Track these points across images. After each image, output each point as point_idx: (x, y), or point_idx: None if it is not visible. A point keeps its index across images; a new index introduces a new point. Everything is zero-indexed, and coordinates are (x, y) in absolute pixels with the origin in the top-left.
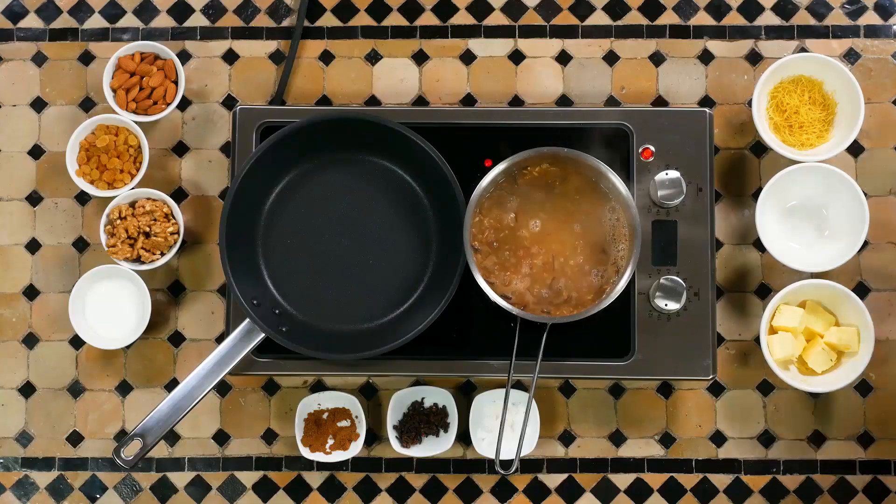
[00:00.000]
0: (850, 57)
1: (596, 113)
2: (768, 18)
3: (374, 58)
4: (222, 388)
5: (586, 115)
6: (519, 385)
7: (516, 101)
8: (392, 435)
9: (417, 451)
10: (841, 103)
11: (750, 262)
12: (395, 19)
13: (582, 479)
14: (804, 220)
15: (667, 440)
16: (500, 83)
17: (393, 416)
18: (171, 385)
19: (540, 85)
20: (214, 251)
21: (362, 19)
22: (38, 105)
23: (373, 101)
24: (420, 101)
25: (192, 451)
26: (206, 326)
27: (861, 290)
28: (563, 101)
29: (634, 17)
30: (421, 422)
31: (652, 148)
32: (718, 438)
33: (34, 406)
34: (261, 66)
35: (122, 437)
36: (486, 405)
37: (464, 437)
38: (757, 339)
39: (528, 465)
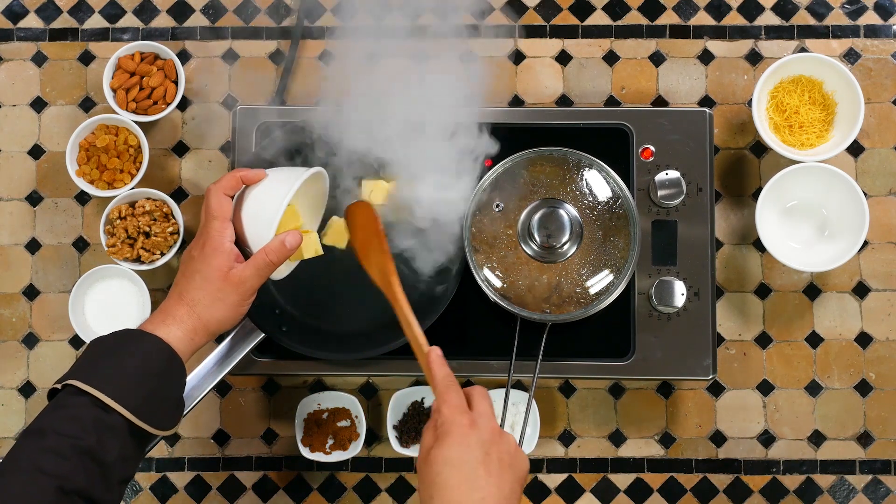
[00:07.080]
0: (850, 57)
1: (596, 113)
2: (768, 18)
3: None
4: (222, 388)
5: (586, 115)
6: (519, 385)
7: (516, 101)
8: (392, 435)
9: (417, 452)
10: (841, 103)
11: (750, 262)
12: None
13: (582, 479)
14: (804, 220)
15: (667, 440)
16: (500, 83)
17: (393, 416)
18: None
19: (540, 85)
20: None
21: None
22: (38, 105)
23: None
24: None
25: (191, 451)
26: None
27: (861, 290)
28: (563, 101)
29: (634, 17)
30: (421, 422)
31: (652, 148)
32: (718, 438)
33: (34, 406)
34: (261, 66)
35: None
36: None
37: None
38: (757, 339)
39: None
